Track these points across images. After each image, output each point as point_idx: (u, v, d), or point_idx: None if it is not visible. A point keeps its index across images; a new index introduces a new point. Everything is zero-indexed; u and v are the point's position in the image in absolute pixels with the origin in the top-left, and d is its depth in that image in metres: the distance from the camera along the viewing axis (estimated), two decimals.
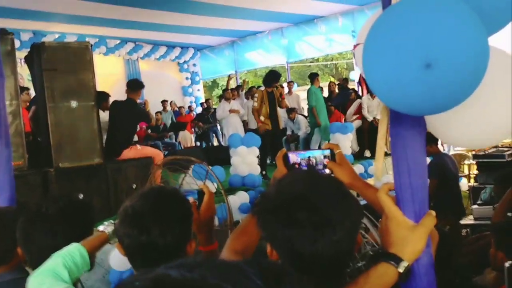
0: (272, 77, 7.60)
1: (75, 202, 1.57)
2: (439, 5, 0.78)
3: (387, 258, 1.00)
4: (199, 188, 1.52)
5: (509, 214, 4.05)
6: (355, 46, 1.02)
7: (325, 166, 1.39)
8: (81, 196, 4.39)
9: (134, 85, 5.93)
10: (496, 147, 7.65)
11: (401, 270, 0.98)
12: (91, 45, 5.21)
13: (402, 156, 0.98)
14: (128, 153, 5.44)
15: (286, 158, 1.41)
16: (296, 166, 1.44)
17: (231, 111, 9.42)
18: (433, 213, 1.02)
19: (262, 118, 7.44)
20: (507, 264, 1.46)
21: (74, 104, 4.88)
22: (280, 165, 1.38)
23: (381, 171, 1.10)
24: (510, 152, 7.07)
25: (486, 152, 7.04)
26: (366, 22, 1.09)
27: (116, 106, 5.68)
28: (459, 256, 3.63)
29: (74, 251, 1.31)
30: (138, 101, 6.25)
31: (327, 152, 1.38)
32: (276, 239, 0.99)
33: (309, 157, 1.45)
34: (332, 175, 1.33)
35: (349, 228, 0.96)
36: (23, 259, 1.87)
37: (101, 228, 1.46)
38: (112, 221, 1.48)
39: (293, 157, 1.43)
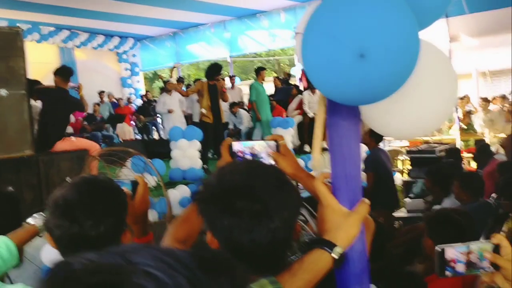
0: (214, 69, 7.56)
1: (2, 194, 1.48)
2: None
3: (322, 244, 1.02)
4: (134, 178, 1.48)
5: (436, 207, 4.28)
6: (295, 36, 1.03)
7: (268, 156, 1.41)
8: (10, 188, 4.16)
9: (63, 72, 5.52)
10: (427, 143, 8.07)
11: (335, 255, 1.00)
12: (22, 31, 4.92)
13: (338, 145, 1.00)
14: (62, 145, 5.20)
15: (231, 147, 1.41)
16: (240, 153, 1.45)
17: (169, 111, 9.30)
18: (367, 201, 1.05)
19: (204, 110, 7.38)
20: (437, 248, 1.53)
21: (3, 92, 4.59)
22: (225, 154, 1.38)
23: (318, 161, 1.12)
24: (440, 148, 7.48)
25: (419, 148, 7.40)
26: (305, 12, 1.10)
27: (46, 95, 5.37)
28: (392, 247, 3.79)
29: (0, 245, 1.23)
30: (71, 84, 5.90)
31: (271, 143, 1.40)
32: (216, 227, 0.99)
33: (252, 146, 1.46)
34: (276, 165, 1.34)
35: (286, 217, 0.97)
36: None
37: (30, 220, 1.38)
38: (42, 213, 1.40)
39: (237, 146, 1.44)
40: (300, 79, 10.76)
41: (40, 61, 10.92)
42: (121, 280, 0.44)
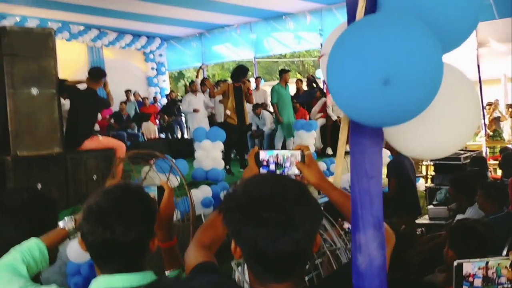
0: (240, 71, 7.61)
1: (40, 196, 1.55)
2: (398, 25, 0.83)
3: None
4: (159, 184, 1.53)
5: (459, 215, 4.23)
6: (320, 57, 1.06)
7: (292, 164, 1.46)
8: (39, 186, 4.29)
9: (95, 73, 5.71)
10: None
11: None
12: (54, 31, 5.07)
13: (361, 162, 1.03)
14: (89, 144, 5.33)
15: (257, 156, 1.47)
16: (265, 162, 1.50)
17: (194, 110, 9.37)
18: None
19: (228, 112, 7.44)
20: (455, 263, 1.54)
21: (34, 91, 4.75)
22: (252, 163, 1.43)
23: (340, 177, 1.15)
24: (466, 155, 7.36)
25: None
26: (331, 34, 1.13)
27: (76, 95, 5.51)
28: (413, 255, 3.77)
29: (33, 247, 1.30)
30: None
31: (297, 152, 1.44)
32: (240, 236, 1.03)
33: (277, 155, 1.51)
34: (301, 175, 1.39)
35: (309, 228, 1.01)
36: None
37: (61, 224, 1.44)
38: (72, 216, 1.46)
39: (263, 155, 1.49)
40: (324, 82, 10.73)
41: (69, 60, 11.15)
42: None
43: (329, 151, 8.96)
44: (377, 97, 0.80)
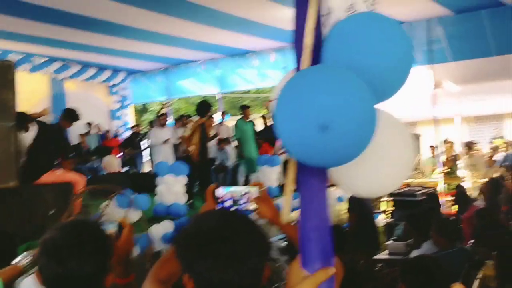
0: (204, 106, 7.71)
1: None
2: (334, 76, 0.92)
3: None
4: (119, 221, 1.55)
5: (414, 251, 4.35)
6: (268, 102, 1.14)
7: (248, 201, 1.53)
8: None
9: (70, 115, 5.85)
10: (408, 185, 8.21)
11: None
12: (14, 64, 5.04)
13: (309, 201, 1.10)
14: (48, 178, 5.23)
15: (214, 193, 1.53)
16: (222, 198, 1.57)
17: (165, 141, 9.32)
18: (330, 271, 1.13)
19: (191, 148, 7.47)
20: None
21: None
22: (209, 199, 1.48)
23: (288, 215, 1.21)
24: (422, 191, 7.61)
25: (401, 191, 7.51)
26: (280, 82, 1.22)
27: (43, 128, 5.48)
28: None
29: None
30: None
31: (253, 189, 1.51)
32: (192, 269, 1.07)
33: (234, 191, 1.58)
34: (256, 210, 1.46)
35: (256, 261, 1.06)
36: None
37: (17, 259, 1.43)
38: (29, 252, 1.46)
39: (220, 191, 1.56)
40: None
41: (31, 90, 10.99)
42: None
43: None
44: (316, 141, 0.88)
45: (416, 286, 2.61)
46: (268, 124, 10.79)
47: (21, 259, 1.43)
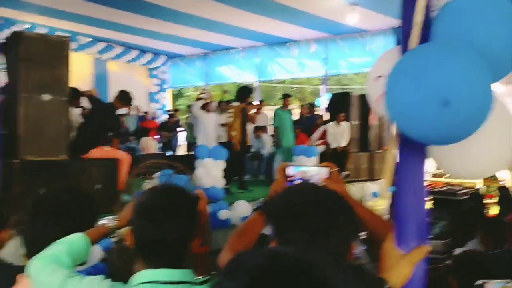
0: (245, 92, 7.73)
1: (82, 194, 1.61)
2: (454, 52, 0.91)
3: (374, 282, 1.13)
4: (197, 192, 1.58)
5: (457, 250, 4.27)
6: (377, 78, 1.14)
7: (317, 181, 1.53)
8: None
9: (125, 97, 5.99)
10: (449, 184, 8.06)
11: None
12: (69, 40, 5.17)
13: (406, 178, 1.10)
14: (96, 153, 5.37)
15: (284, 171, 1.54)
16: (292, 178, 1.57)
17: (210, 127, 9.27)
18: (426, 248, 1.14)
19: (233, 133, 7.52)
20: (478, 283, 1.58)
21: (46, 97, 4.81)
22: (280, 177, 1.50)
23: (386, 192, 1.22)
24: (463, 191, 7.46)
25: (441, 189, 7.38)
26: (382, 57, 1.21)
27: (97, 105, 5.65)
28: None
29: (77, 241, 1.34)
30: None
31: (324, 169, 1.50)
32: (282, 238, 1.09)
33: (304, 171, 1.58)
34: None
35: (345, 236, 1.08)
36: (4, 243, 1.87)
37: (104, 221, 1.49)
38: (115, 216, 1.52)
39: (291, 170, 1.56)
40: (326, 110, 10.87)
41: (75, 70, 11.22)
42: None
43: None
44: (437, 116, 0.88)
45: (469, 281, 2.57)
46: (306, 114, 10.74)
47: (108, 221, 1.49)
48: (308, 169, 1.65)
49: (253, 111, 9.00)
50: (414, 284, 1.12)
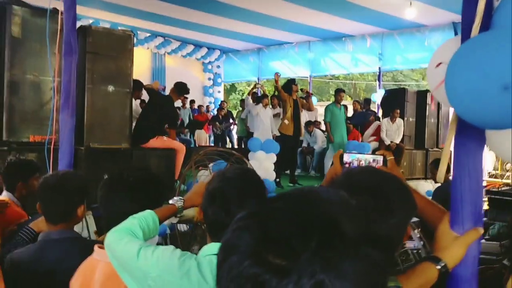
0: (289, 82, 7.85)
1: (152, 175, 1.73)
2: None
3: (429, 259, 1.20)
4: None
5: None
6: (437, 65, 1.18)
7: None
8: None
9: (181, 88, 6.18)
10: (508, 185, 7.75)
11: (438, 267, 1.16)
12: (134, 35, 5.41)
13: (464, 163, 1.14)
14: (154, 143, 5.62)
15: (341, 158, 1.60)
16: (347, 165, 1.63)
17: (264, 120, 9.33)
18: (480, 230, 1.18)
19: (286, 121, 7.62)
20: None
21: (111, 88, 5.08)
22: (337, 163, 1.56)
23: (443, 174, 1.26)
24: None
25: (499, 189, 7.12)
26: (443, 45, 1.25)
27: (155, 97, 5.89)
28: None
29: (148, 217, 1.46)
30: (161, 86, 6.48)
31: (379, 157, 1.55)
32: None
33: (360, 159, 1.63)
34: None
35: (403, 216, 1.13)
36: (80, 220, 2.05)
37: (171, 201, 1.61)
38: (181, 197, 1.64)
39: (347, 158, 1.62)
40: (380, 106, 10.71)
41: (134, 64, 11.69)
42: None
43: None
44: (498, 100, 0.92)
45: None
46: (359, 109, 10.64)
47: (175, 201, 1.61)
48: (364, 156, 1.70)
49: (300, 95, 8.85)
50: (468, 264, 1.16)
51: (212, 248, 1.33)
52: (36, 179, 2.57)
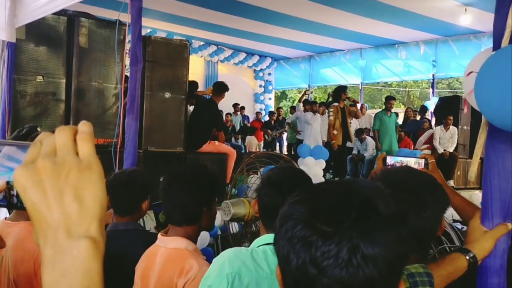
0: (339, 90, 7.87)
1: (204, 172, 1.91)
2: None
3: (460, 250, 1.30)
4: None
5: None
6: (468, 74, 1.27)
7: None
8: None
9: (219, 87, 6.25)
10: None
11: (468, 257, 1.26)
12: (190, 44, 5.70)
13: (494, 164, 1.23)
14: (207, 147, 5.86)
15: (384, 160, 1.72)
16: (390, 166, 1.74)
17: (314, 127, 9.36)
18: (509, 226, 1.27)
19: (335, 132, 7.68)
20: None
21: (167, 95, 5.37)
22: (380, 165, 1.68)
23: (475, 174, 1.35)
24: None
25: None
26: (478, 56, 1.35)
27: (201, 104, 6.11)
28: None
29: None
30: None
31: (421, 160, 1.65)
32: None
33: (402, 161, 1.74)
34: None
35: (436, 211, 1.23)
36: (144, 213, 2.26)
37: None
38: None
39: (389, 160, 1.74)
40: (433, 113, 10.52)
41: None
42: None
43: None
44: None
45: None
46: (412, 117, 10.49)
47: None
48: (407, 159, 1.81)
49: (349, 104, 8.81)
50: (498, 256, 1.25)
51: (265, 239, 1.47)
52: None
